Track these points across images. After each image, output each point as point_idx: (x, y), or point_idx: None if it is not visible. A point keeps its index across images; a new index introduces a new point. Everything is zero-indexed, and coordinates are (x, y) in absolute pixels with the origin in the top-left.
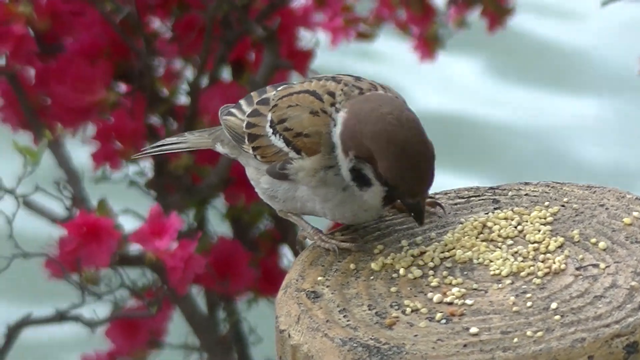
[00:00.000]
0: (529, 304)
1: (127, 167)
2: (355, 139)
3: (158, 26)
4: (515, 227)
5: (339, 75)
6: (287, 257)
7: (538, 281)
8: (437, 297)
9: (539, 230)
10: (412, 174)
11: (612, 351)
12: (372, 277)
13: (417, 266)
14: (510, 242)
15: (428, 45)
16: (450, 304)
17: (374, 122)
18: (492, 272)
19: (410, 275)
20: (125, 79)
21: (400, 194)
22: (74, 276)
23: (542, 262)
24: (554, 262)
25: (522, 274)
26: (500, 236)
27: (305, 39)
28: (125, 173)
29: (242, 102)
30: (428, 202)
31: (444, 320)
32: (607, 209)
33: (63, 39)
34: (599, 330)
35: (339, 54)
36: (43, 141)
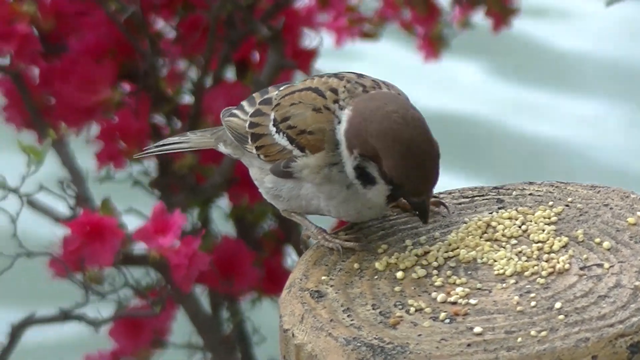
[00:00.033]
0: (533, 303)
1: (131, 167)
2: (360, 137)
3: (162, 26)
4: (520, 226)
5: (341, 73)
6: (291, 256)
7: (542, 281)
8: (441, 297)
9: (543, 230)
10: (417, 172)
11: (615, 351)
12: (376, 277)
13: (421, 266)
14: (514, 241)
15: (432, 46)
16: (454, 303)
17: (380, 120)
18: (496, 272)
19: (414, 275)
20: (130, 79)
21: (405, 192)
22: (78, 275)
23: (546, 261)
24: (558, 262)
25: (526, 273)
26: (504, 236)
27: (310, 38)
28: (129, 172)
29: (245, 103)
30: (432, 202)
31: (447, 320)
32: (611, 208)
33: (67, 39)
34: (603, 330)
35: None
36: (47, 140)
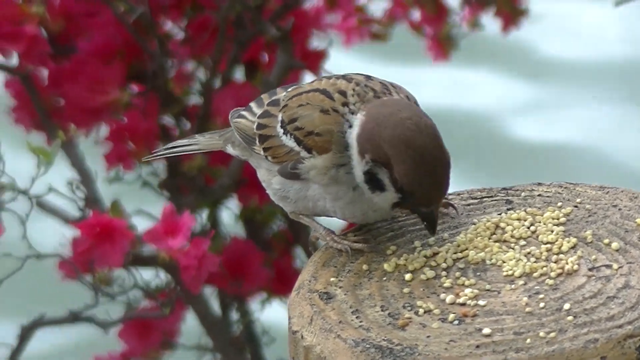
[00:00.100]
0: (541, 304)
1: (140, 168)
2: (373, 142)
3: (171, 27)
4: (528, 227)
5: (350, 74)
6: (300, 258)
7: (551, 282)
8: (449, 298)
9: (552, 231)
10: (429, 180)
11: (624, 352)
12: (384, 278)
13: (430, 267)
14: (523, 242)
15: (441, 46)
16: (462, 304)
17: (393, 126)
18: (504, 273)
19: (423, 276)
20: (139, 80)
21: (415, 201)
22: (87, 277)
23: (555, 262)
24: (567, 263)
25: (535, 274)
26: (513, 237)
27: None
28: (139, 174)
29: (253, 104)
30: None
31: (456, 321)
32: (620, 209)
33: (76, 40)
34: (612, 331)
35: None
36: (56, 142)
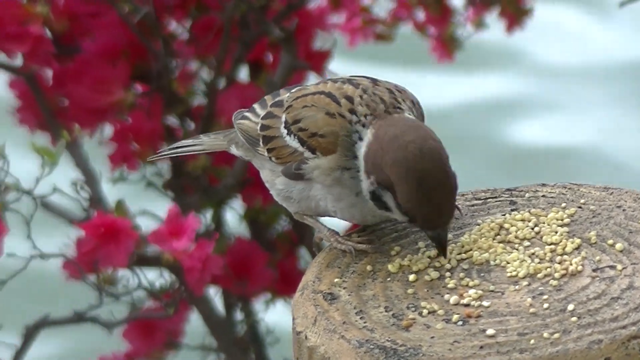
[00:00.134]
0: (545, 305)
1: (144, 168)
2: (377, 165)
3: (175, 27)
4: (532, 228)
5: (355, 78)
6: (304, 258)
7: (555, 283)
8: (453, 299)
9: (556, 232)
10: (429, 204)
11: (628, 352)
12: (388, 279)
13: (434, 268)
14: (527, 243)
15: (445, 47)
16: (467, 305)
17: (395, 149)
18: (508, 274)
19: (427, 277)
20: (143, 80)
21: (419, 224)
22: (92, 277)
23: (559, 263)
24: (571, 264)
25: (539, 275)
26: (517, 238)
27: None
28: (143, 174)
29: (256, 105)
30: None
31: (460, 322)
32: (624, 210)
33: (80, 40)
34: (616, 331)
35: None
36: (61, 142)
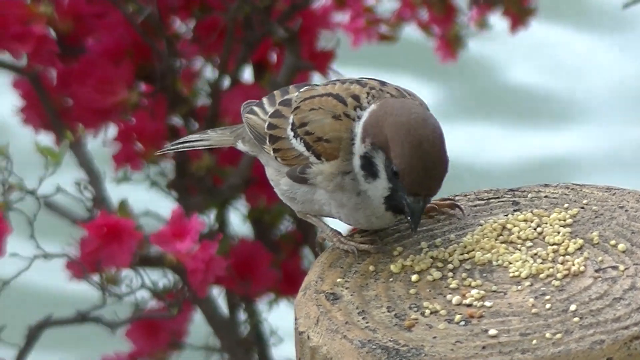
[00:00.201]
0: (547, 305)
1: (148, 168)
2: (376, 126)
3: (179, 27)
4: (535, 229)
5: (364, 79)
6: (308, 258)
7: (557, 283)
8: (456, 299)
9: (559, 232)
10: (422, 165)
11: (630, 353)
12: (391, 279)
13: (437, 268)
14: (529, 244)
15: (449, 46)
16: (469, 305)
17: (399, 114)
18: (511, 274)
19: (429, 277)
20: (147, 80)
21: (403, 187)
22: (95, 277)
23: (561, 264)
24: (573, 264)
25: (541, 275)
26: (519, 238)
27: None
28: (147, 174)
29: (265, 100)
30: (447, 204)
31: (462, 322)
32: (626, 210)
33: (85, 40)
34: (618, 332)
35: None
36: (64, 142)
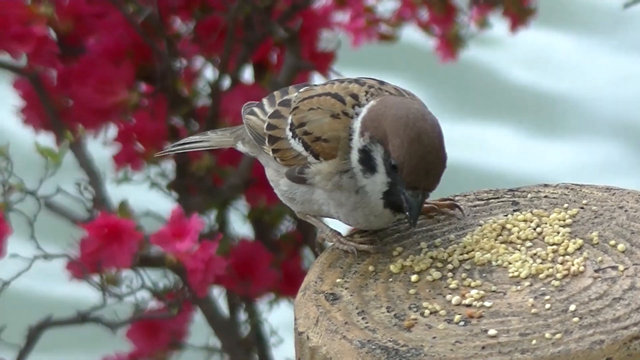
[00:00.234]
0: (547, 305)
1: (148, 169)
2: (376, 120)
3: (180, 27)
4: (534, 229)
5: (362, 78)
6: (308, 258)
7: (557, 283)
8: (455, 299)
9: (558, 232)
10: (420, 159)
11: (630, 353)
12: (390, 279)
13: (436, 268)
14: (529, 244)
15: (450, 46)
16: (468, 306)
17: (398, 109)
18: (510, 274)
19: (429, 278)
20: (147, 81)
21: (402, 181)
22: (95, 277)
23: (560, 264)
24: (573, 264)
25: (541, 275)
26: (519, 238)
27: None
28: (147, 174)
29: (265, 101)
30: (447, 204)
31: (462, 322)
32: (626, 211)
33: (85, 41)
34: (618, 332)
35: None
36: (65, 142)
